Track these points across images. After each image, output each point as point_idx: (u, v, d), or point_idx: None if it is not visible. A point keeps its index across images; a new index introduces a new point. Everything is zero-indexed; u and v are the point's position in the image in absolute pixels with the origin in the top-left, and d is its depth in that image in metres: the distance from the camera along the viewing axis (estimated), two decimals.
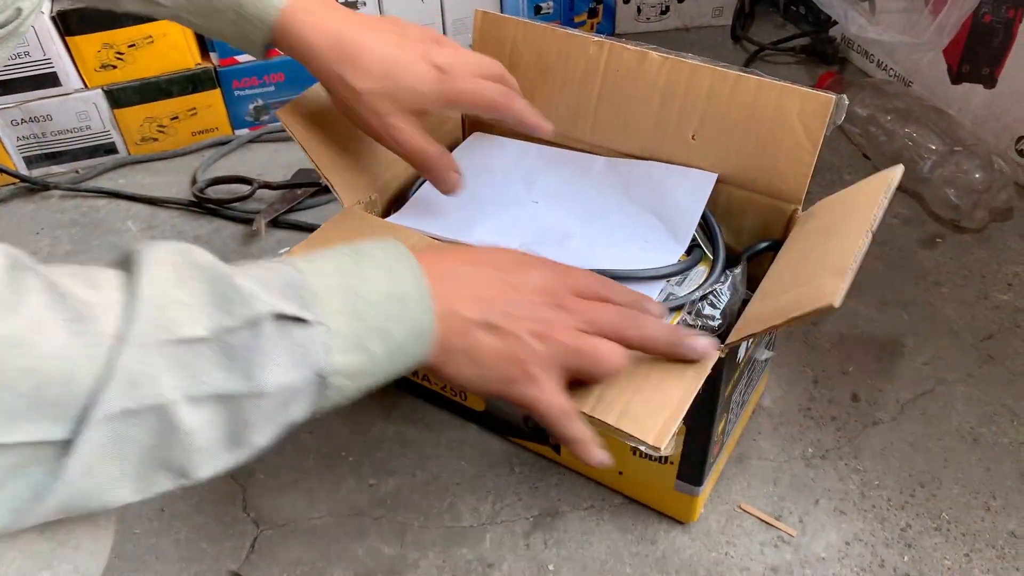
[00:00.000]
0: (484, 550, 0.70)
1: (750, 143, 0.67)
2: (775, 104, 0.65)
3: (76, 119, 1.10)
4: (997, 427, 0.78)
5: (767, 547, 0.69)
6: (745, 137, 0.67)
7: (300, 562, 0.69)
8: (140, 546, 0.71)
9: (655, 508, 0.72)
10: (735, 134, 0.68)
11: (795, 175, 0.66)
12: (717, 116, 0.68)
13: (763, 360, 0.74)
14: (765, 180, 0.68)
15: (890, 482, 0.74)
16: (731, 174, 0.69)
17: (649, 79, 0.70)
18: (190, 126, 1.15)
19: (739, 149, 0.68)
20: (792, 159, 0.66)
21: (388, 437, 0.78)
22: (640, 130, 0.72)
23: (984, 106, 1.07)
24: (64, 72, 1.05)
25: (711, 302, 0.62)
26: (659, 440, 0.49)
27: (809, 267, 0.56)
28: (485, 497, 0.73)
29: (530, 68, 0.75)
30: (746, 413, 0.76)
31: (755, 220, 0.70)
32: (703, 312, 0.62)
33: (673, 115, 0.70)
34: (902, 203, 1.04)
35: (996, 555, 0.68)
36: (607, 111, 0.73)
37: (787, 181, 0.67)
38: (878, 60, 1.23)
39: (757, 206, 0.69)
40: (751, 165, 0.68)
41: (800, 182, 0.66)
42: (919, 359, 0.84)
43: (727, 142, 0.68)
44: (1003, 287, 0.92)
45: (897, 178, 0.57)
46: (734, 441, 0.76)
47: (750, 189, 0.69)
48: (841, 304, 0.49)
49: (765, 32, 1.40)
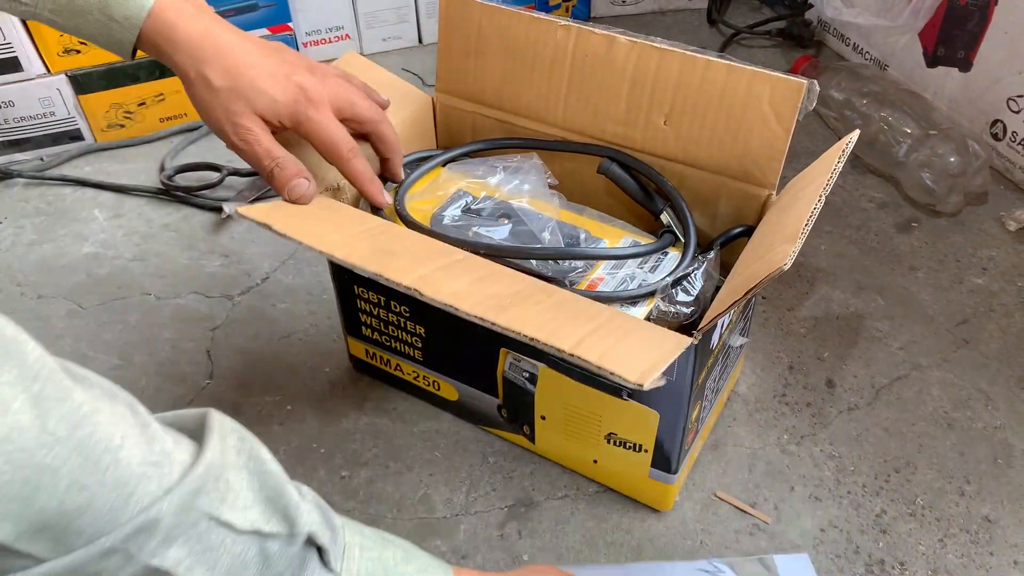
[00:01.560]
0: (458, 541, 0.69)
1: (721, 129, 0.67)
2: (745, 89, 0.65)
3: (39, 105, 1.07)
4: (972, 412, 0.78)
5: (742, 535, 0.69)
6: (716, 123, 0.67)
7: None
8: None
9: (630, 496, 0.72)
10: (706, 120, 0.67)
11: (768, 160, 0.66)
12: (688, 102, 0.67)
13: (737, 346, 0.73)
14: (738, 166, 0.67)
15: (865, 468, 0.73)
16: (703, 160, 0.69)
17: (618, 64, 0.69)
18: (158, 112, 1.13)
19: (711, 135, 0.67)
20: (764, 144, 0.65)
21: (360, 428, 0.77)
22: (611, 116, 0.71)
23: (959, 89, 1.07)
24: (26, 57, 1.03)
25: (684, 288, 0.62)
26: (643, 379, 0.47)
27: (767, 240, 0.56)
28: (459, 488, 0.73)
29: (498, 53, 0.73)
30: (721, 400, 0.76)
31: (729, 206, 0.70)
32: (676, 298, 0.61)
33: (644, 101, 0.69)
34: (878, 187, 1.03)
35: (970, 540, 0.68)
36: (577, 97, 0.72)
37: (760, 167, 0.66)
38: (854, 43, 1.23)
39: (731, 192, 0.69)
40: (723, 151, 0.67)
41: (773, 168, 0.66)
42: (894, 344, 0.84)
43: (698, 128, 0.67)
44: (978, 271, 0.92)
45: (852, 142, 0.58)
46: (708, 429, 0.75)
47: (723, 175, 0.68)
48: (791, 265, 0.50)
49: (741, 15, 1.40)
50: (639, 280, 0.64)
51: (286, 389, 0.80)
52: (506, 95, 0.75)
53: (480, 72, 0.75)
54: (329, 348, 0.84)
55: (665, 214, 0.69)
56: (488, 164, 0.74)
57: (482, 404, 0.74)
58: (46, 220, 1.02)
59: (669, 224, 0.69)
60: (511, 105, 0.75)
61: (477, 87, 0.76)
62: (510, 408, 0.72)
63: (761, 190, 0.67)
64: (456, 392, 0.75)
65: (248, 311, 0.88)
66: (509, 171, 0.73)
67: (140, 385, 0.81)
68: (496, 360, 0.69)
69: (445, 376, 0.75)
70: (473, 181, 0.73)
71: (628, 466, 0.69)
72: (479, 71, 0.75)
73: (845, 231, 0.97)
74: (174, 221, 1.01)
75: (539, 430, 0.72)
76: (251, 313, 0.88)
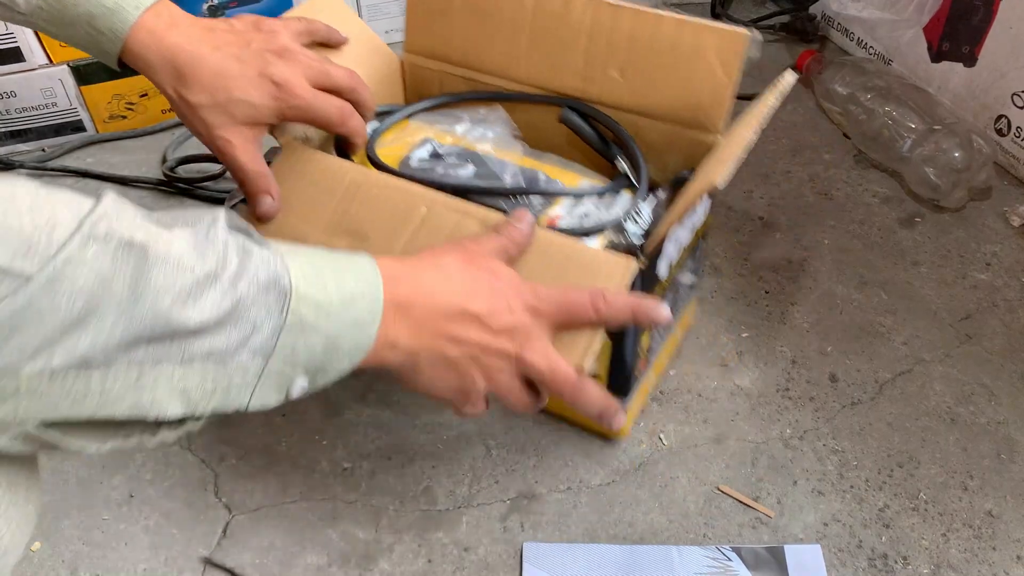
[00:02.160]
0: (460, 534, 0.69)
1: (672, 79, 0.71)
2: (693, 41, 0.69)
3: (41, 96, 1.07)
4: (975, 407, 0.78)
5: (745, 528, 0.69)
6: (667, 73, 0.71)
7: (273, 547, 0.68)
8: (108, 532, 0.69)
9: (586, 428, 0.75)
10: (658, 71, 0.71)
11: (714, 108, 0.70)
12: (640, 55, 0.72)
13: (687, 285, 0.77)
14: (688, 114, 0.72)
15: (868, 462, 0.73)
16: (655, 109, 0.73)
17: (575, 21, 0.73)
18: (160, 103, 1.12)
19: (662, 85, 0.72)
20: (711, 93, 0.70)
21: (362, 420, 0.77)
22: (570, 70, 0.75)
23: (964, 85, 1.06)
24: (28, 47, 1.02)
25: (634, 218, 0.66)
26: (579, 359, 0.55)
27: (705, 169, 0.62)
28: (461, 480, 0.73)
29: (462, 12, 0.77)
30: (673, 339, 0.80)
31: (679, 154, 0.74)
32: (627, 230, 0.65)
33: (600, 55, 0.73)
34: (881, 182, 1.03)
35: (973, 535, 0.68)
36: (538, 53, 0.76)
37: (707, 114, 0.71)
38: (858, 38, 1.23)
39: (681, 139, 0.73)
40: (674, 100, 0.72)
41: (719, 114, 0.71)
42: (897, 339, 0.84)
43: (651, 79, 0.72)
44: (981, 267, 0.92)
45: (791, 82, 0.64)
46: (661, 368, 0.79)
47: (674, 122, 0.73)
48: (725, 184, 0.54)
49: (745, 9, 1.39)
50: (595, 217, 0.67)
51: None
52: (471, 53, 0.79)
53: (446, 32, 0.78)
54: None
55: (620, 161, 0.73)
56: (454, 115, 0.77)
57: None
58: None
59: (624, 171, 0.73)
60: (476, 63, 0.79)
61: (443, 46, 0.78)
62: None
63: (708, 135, 0.72)
64: None
65: None
66: (475, 121, 0.77)
67: None
68: None
69: None
70: (439, 130, 0.76)
71: None
72: (445, 31, 0.78)
73: (848, 226, 0.97)
74: (177, 205, 1.01)
75: None
76: None
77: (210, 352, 0.40)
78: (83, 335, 0.36)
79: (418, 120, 0.77)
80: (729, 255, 0.93)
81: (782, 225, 0.97)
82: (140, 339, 0.38)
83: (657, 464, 0.73)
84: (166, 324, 0.38)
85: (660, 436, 0.76)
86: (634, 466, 0.73)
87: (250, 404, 0.43)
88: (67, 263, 0.35)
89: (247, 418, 0.77)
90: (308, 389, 0.46)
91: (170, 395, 0.40)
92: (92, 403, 0.38)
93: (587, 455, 0.74)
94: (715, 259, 0.93)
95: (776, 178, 1.03)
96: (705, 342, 0.84)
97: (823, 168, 1.05)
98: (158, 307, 0.38)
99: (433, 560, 0.67)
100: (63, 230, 0.35)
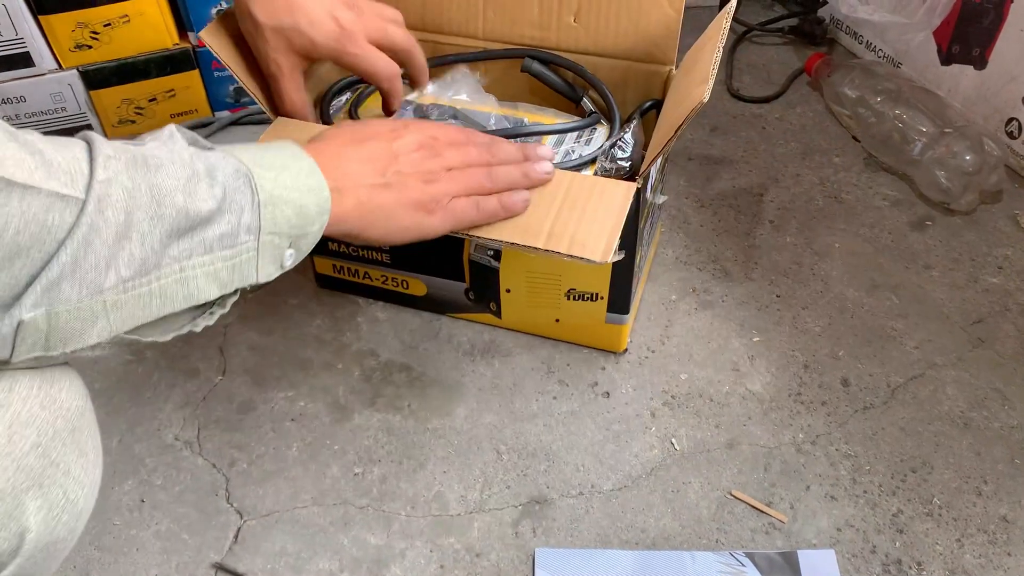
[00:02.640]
0: (472, 539, 0.69)
1: (624, 18, 0.78)
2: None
3: (51, 100, 1.07)
4: (988, 411, 0.77)
5: (758, 533, 0.68)
6: (619, 13, 0.78)
7: (284, 553, 0.68)
8: (120, 538, 0.69)
9: (588, 345, 0.83)
10: (610, 12, 0.78)
11: (665, 40, 0.78)
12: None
13: (659, 204, 0.83)
14: (641, 49, 0.79)
15: (881, 467, 0.73)
16: (611, 48, 0.80)
17: None
18: (169, 108, 1.12)
19: (616, 25, 0.79)
20: (661, 27, 0.77)
21: (373, 425, 0.77)
22: (527, 21, 0.81)
23: (974, 87, 1.06)
24: (37, 52, 1.02)
25: (620, 147, 0.72)
26: (604, 256, 0.59)
27: (681, 92, 0.67)
28: (472, 485, 0.72)
29: None
30: (650, 255, 0.88)
31: (637, 88, 0.82)
32: (616, 157, 0.72)
33: (554, 3, 0.80)
34: (892, 185, 1.03)
35: (988, 540, 0.68)
36: (494, 8, 0.82)
37: (659, 47, 0.79)
38: (867, 41, 1.22)
39: (637, 73, 0.81)
40: (627, 37, 0.79)
41: (670, 45, 0.79)
42: (909, 343, 0.84)
43: (604, 21, 0.79)
44: (993, 270, 0.92)
45: (733, 5, 0.70)
46: (644, 278, 0.87)
47: (629, 59, 0.80)
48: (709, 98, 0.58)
49: (753, 13, 1.39)
50: (578, 152, 0.74)
51: (299, 385, 0.80)
52: (429, 16, 0.84)
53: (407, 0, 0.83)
54: (341, 344, 0.84)
55: (585, 100, 0.80)
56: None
57: (449, 292, 0.83)
58: None
59: (590, 109, 0.79)
60: (435, 25, 0.84)
61: (402, 11, 0.80)
62: (477, 289, 0.81)
63: (662, 67, 0.80)
64: (424, 286, 0.83)
65: (261, 307, 0.88)
66: (443, 86, 0.82)
67: (152, 380, 0.81)
68: (462, 247, 0.78)
69: (413, 273, 0.83)
70: (415, 96, 0.82)
71: (586, 316, 0.79)
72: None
73: (859, 229, 0.97)
74: None
75: (505, 304, 0.81)
76: (264, 309, 0.88)
77: (221, 237, 0.46)
78: (133, 243, 0.42)
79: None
80: (740, 259, 0.93)
81: (792, 229, 0.97)
82: (173, 234, 0.44)
83: (669, 469, 0.73)
84: (186, 216, 0.44)
85: (672, 441, 0.75)
86: (646, 471, 0.73)
87: (259, 276, 0.49)
88: (103, 184, 0.41)
89: (258, 422, 0.77)
90: (296, 257, 0.52)
91: (207, 281, 0.46)
92: (156, 304, 0.44)
93: (599, 460, 0.74)
94: (725, 263, 0.92)
95: (786, 182, 1.03)
96: (716, 347, 0.84)
97: (833, 171, 1.05)
98: (176, 203, 0.43)
99: (445, 566, 0.67)
100: (85, 161, 0.41)
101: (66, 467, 0.43)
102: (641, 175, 0.66)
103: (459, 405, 0.78)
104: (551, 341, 0.84)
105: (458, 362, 0.82)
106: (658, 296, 0.89)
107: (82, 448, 0.45)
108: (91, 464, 0.45)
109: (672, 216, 0.98)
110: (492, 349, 0.83)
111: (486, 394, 0.79)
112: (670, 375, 0.81)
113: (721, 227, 0.97)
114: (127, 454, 0.75)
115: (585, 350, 0.83)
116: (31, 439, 0.41)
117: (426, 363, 0.82)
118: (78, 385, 0.46)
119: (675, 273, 0.91)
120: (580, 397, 0.79)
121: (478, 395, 0.79)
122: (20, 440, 0.41)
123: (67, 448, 0.43)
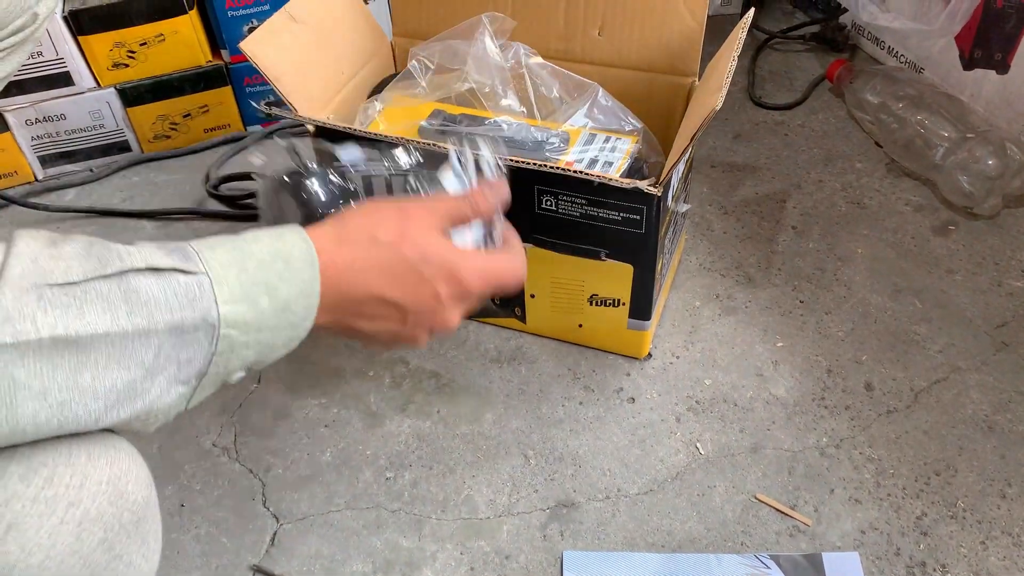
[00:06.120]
0: (501, 542, 0.70)
1: (647, 31, 0.80)
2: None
3: (90, 118, 1.10)
4: (1012, 415, 0.78)
5: (783, 536, 0.69)
6: (643, 26, 0.80)
7: (319, 555, 0.70)
8: None
9: (611, 350, 0.84)
10: (634, 26, 0.80)
11: (688, 52, 0.79)
12: (616, 11, 0.81)
13: (682, 213, 0.85)
14: (664, 61, 0.81)
15: (905, 470, 0.74)
16: (635, 61, 0.82)
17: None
18: (203, 123, 1.16)
19: (639, 38, 0.80)
20: (683, 39, 0.79)
21: (403, 431, 0.79)
22: (552, 33, 0.83)
23: (997, 92, 1.06)
24: (77, 71, 1.06)
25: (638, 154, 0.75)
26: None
27: (697, 101, 0.69)
28: (501, 489, 0.74)
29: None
30: (674, 263, 0.89)
31: (660, 99, 0.83)
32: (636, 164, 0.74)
33: (579, 17, 0.82)
34: (914, 190, 1.03)
35: (1012, 543, 0.68)
36: (520, 20, 0.82)
37: (682, 59, 0.80)
38: (889, 47, 1.23)
39: (660, 85, 0.82)
40: (650, 50, 0.81)
41: (693, 57, 0.80)
42: (933, 347, 0.84)
43: (627, 34, 0.81)
44: (1017, 274, 0.92)
45: (750, 16, 0.72)
46: (668, 285, 0.88)
47: (652, 71, 0.82)
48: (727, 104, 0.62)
49: (774, 20, 1.40)
50: (604, 159, 0.74)
51: (332, 393, 0.82)
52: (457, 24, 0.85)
53: (431, 11, 0.85)
54: (372, 352, 0.86)
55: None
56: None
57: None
58: (98, 229, 1.05)
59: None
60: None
61: (429, 25, 0.84)
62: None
63: (685, 79, 0.81)
64: None
65: None
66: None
67: None
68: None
69: None
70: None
71: (609, 322, 0.81)
72: (430, 10, 0.85)
73: (882, 234, 0.97)
74: (220, 230, 1.04)
75: (529, 309, 0.84)
76: None
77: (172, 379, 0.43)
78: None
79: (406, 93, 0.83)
80: (763, 265, 0.94)
81: (815, 234, 0.97)
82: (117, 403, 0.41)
83: (695, 473, 0.74)
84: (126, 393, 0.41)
85: (697, 445, 0.77)
86: (672, 475, 0.74)
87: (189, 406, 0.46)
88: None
89: (293, 428, 0.79)
90: (247, 375, 0.48)
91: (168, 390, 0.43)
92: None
93: (625, 465, 0.75)
94: (748, 269, 0.93)
95: (808, 187, 1.04)
96: (740, 352, 0.85)
97: (855, 177, 1.05)
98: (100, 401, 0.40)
99: (475, 568, 0.69)
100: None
101: (128, 559, 0.44)
102: (661, 183, 0.68)
103: (487, 411, 0.80)
104: (576, 348, 0.85)
105: (486, 369, 0.84)
106: (682, 302, 0.90)
107: (144, 537, 0.46)
108: (151, 551, 0.47)
109: (696, 223, 1.00)
110: (518, 356, 0.85)
111: (513, 400, 0.81)
112: (694, 380, 0.82)
113: (744, 233, 0.98)
114: (167, 460, 0.78)
115: (610, 356, 0.84)
116: (98, 536, 0.42)
117: (454, 370, 0.84)
118: (144, 476, 0.46)
119: (699, 279, 0.93)
120: (606, 403, 0.81)
121: (505, 401, 0.81)
122: (88, 537, 0.41)
123: (131, 540, 0.44)
